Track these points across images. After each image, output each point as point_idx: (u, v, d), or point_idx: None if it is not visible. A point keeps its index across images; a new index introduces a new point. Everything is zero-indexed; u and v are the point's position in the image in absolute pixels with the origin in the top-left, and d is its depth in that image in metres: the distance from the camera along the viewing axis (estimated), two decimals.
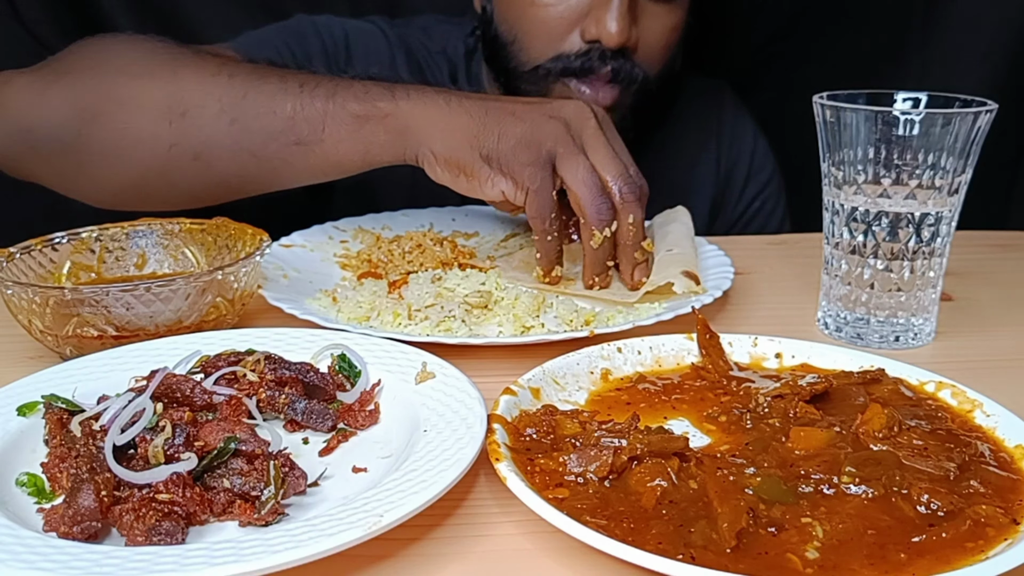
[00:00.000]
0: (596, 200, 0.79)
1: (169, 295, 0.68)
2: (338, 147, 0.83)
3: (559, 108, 0.82)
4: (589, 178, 0.79)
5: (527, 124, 0.80)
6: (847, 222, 0.74)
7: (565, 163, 0.79)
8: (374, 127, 0.82)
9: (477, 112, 0.81)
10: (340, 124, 0.82)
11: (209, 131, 0.85)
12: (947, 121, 0.69)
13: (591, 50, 1.03)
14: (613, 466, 0.52)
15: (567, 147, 0.79)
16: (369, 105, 0.82)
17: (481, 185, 0.80)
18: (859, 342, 0.76)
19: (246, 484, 0.50)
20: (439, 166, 0.81)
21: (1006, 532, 0.47)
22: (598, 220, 0.79)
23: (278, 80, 0.85)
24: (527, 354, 0.69)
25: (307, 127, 0.83)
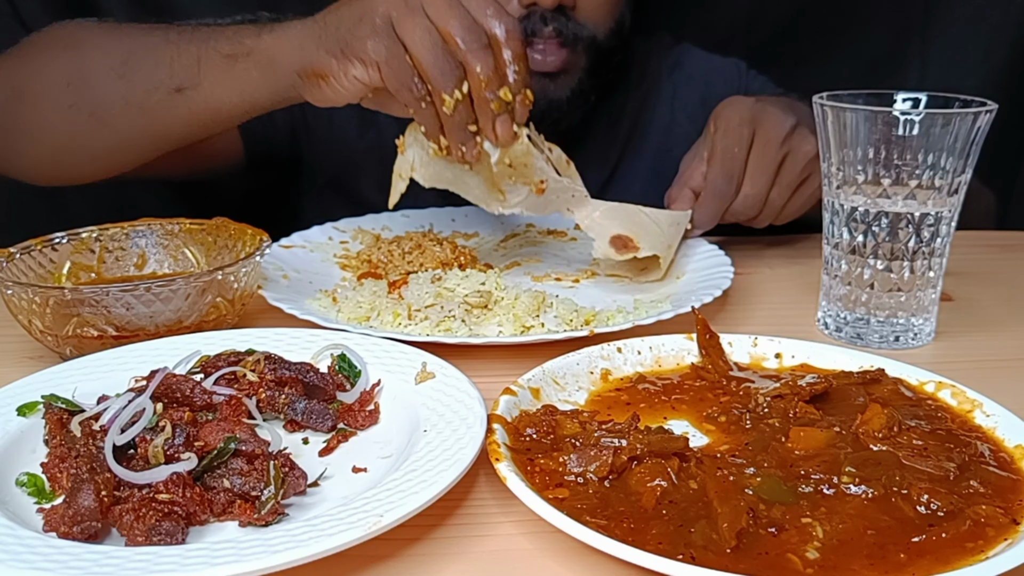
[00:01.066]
0: (433, 58, 0.73)
1: (169, 295, 0.68)
2: (215, 90, 0.84)
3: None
4: (424, 37, 0.73)
5: (360, 2, 0.76)
6: (847, 222, 0.74)
7: (400, 27, 0.73)
8: (245, 65, 0.82)
9: (322, 14, 0.79)
10: (214, 66, 0.83)
11: (101, 88, 0.88)
12: (947, 121, 0.69)
13: (530, 14, 1.03)
14: (613, 466, 0.52)
15: (399, 8, 0.73)
16: (236, 43, 0.82)
17: (337, 82, 0.76)
18: (859, 342, 0.76)
19: (246, 484, 0.50)
20: (306, 82, 0.79)
21: (1006, 532, 0.47)
22: (440, 80, 0.73)
23: (161, 33, 0.88)
24: (527, 354, 0.69)
25: (184, 73, 0.84)
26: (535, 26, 1.03)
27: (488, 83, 0.74)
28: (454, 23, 0.73)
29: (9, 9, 1.22)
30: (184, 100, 0.85)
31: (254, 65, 0.81)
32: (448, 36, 0.73)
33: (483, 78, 0.73)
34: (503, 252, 1.02)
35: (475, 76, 0.74)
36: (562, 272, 0.94)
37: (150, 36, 0.88)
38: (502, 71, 0.75)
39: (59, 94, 0.90)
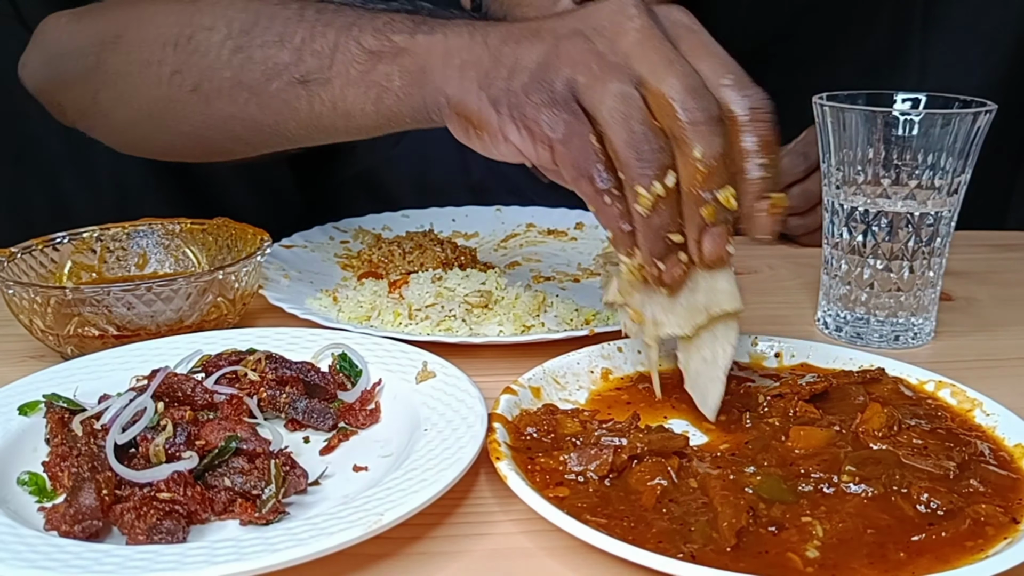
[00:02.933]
0: (628, 135, 0.52)
1: (170, 295, 0.69)
2: (346, 91, 0.67)
3: (590, 12, 0.57)
4: (619, 106, 0.52)
5: (544, 46, 0.56)
6: (847, 222, 0.74)
7: (587, 95, 0.54)
8: (387, 67, 0.65)
9: (495, 39, 0.60)
10: (350, 61, 0.67)
11: (211, 59, 0.74)
12: (947, 121, 0.69)
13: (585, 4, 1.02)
14: (613, 465, 0.52)
15: (587, 71, 0.54)
16: (384, 39, 0.65)
17: (492, 142, 0.59)
18: (859, 342, 0.76)
19: (247, 483, 0.50)
20: (453, 118, 0.61)
21: (1006, 531, 0.47)
22: (636, 166, 0.52)
23: (298, 6, 0.72)
24: (527, 353, 0.69)
25: (313, 61, 0.69)
26: None
27: (708, 177, 0.52)
28: (674, 82, 0.52)
29: (10, 9, 1.22)
30: (307, 94, 0.70)
31: (399, 71, 0.65)
32: (661, 100, 0.52)
33: (703, 167, 0.51)
34: (503, 252, 1.02)
35: (690, 162, 0.52)
36: (562, 272, 0.94)
37: (283, 7, 0.72)
38: (734, 162, 0.53)
39: (161, 55, 0.76)
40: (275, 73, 0.71)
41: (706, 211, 0.53)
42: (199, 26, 0.75)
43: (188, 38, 0.75)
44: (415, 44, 0.64)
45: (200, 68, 0.74)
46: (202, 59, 0.74)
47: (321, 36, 0.68)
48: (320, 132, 0.73)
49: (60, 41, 0.85)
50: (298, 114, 0.72)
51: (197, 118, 0.77)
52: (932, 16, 1.34)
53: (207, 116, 0.77)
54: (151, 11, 0.79)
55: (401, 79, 0.65)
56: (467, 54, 0.61)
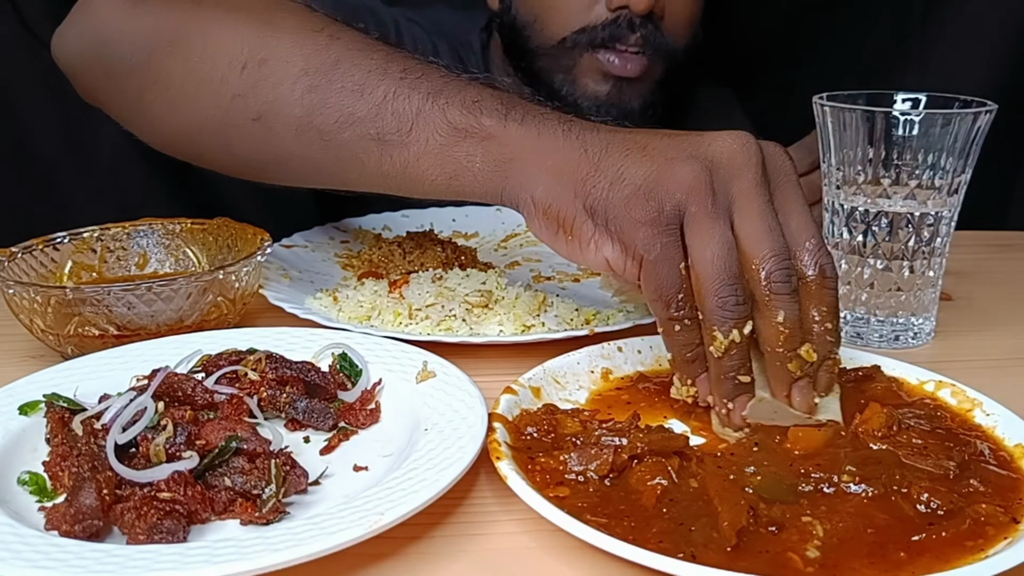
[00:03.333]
0: (717, 286, 0.55)
1: (170, 294, 0.69)
2: (421, 159, 0.65)
3: (709, 141, 0.58)
4: (720, 253, 0.54)
5: (654, 165, 0.57)
6: (847, 222, 0.74)
7: (693, 227, 0.55)
8: (471, 148, 0.64)
9: (595, 146, 0.59)
10: (432, 130, 0.65)
11: (281, 91, 0.69)
12: (947, 121, 0.69)
13: (619, 18, 1.01)
14: (614, 465, 0.52)
15: (701, 203, 0.55)
16: (472, 118, 0.63)
17: (582, 249, 0.59)
18: (859, 341, 0.76)
19: (247, 483, 0.50)
20: (538, 217, 0.61)
21: (1006, 531, 0.47)
22: (718, 316, 0.55)
23: (382, 58, 0.68)
24: (527, 353, 0.69)
25: (393, 123, 0.66)
26: (622, 32, 1.02)
27: (789, 337, 0.55)
28: (768, 254, 0.55)
29: (11, 10, 1.22)
30: (379, 152, 0.67)
31: (483, 155, 0.63)
32: (751, 264, 0.55)
33: (785, 330, 0.55)
34: (503, 252, 1.02)
35: (773, 324, 0.55)
36: (563, 271, 0.94)
37: (366, 56, 0.69)
38: (808, 324, 0.56)
39: (225, 74, 0.71)
40: (349, 124, 0.68)
41: (793, 365, 0.56)
42: (274, 53, 0.70)
43: (259, 63, 0.70)
44: (505, 133, 0.63)
45: (267, 99, 0.70)
46: (272, 90, 0.70)
47: (405, 98, 0.66)
48: (381, 187, 0.70)
49: (109, 25, 0.78)
50: (364, 168, 0.69)
51: (253, 147, 0.73)
52: (932, 16, 1.34)
53: (265, 147, 0.73)
54: (220, 21, 0.74)
55: (484, 163, 0.63)
56: (563, 157, 0.60)
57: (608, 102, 1.09)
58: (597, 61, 1.06)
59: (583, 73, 1.09)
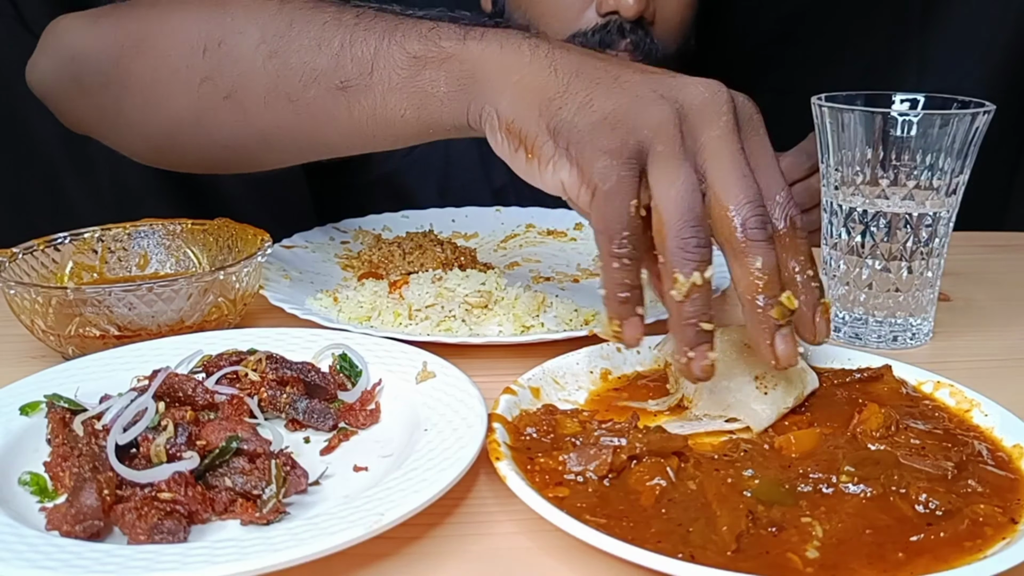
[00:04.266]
0: (680, 226, 0.53)
1: (171, 295, 0.69)
2: (387, 97, 0.65)
3: (681, 85, 0.57)
4: (685, 194, 0.53)
5: (626, 97, 0.56)
6: (845, 222, 0.74)
7: (658, 166, 0.54)
8: (433, 73, 0.63)
9: (566, 68, 0.59)
10: (393, 66, 0.65)
11: (245, 65, 0.71)
12: (945, 122, 0.69)
13: (609, 23, 1.02)
14: (612, 465, 0.52)
15: (668, 144, 0.54)
16: (431, 44, 0.63)
17: (540, 170, 0.59)
18: (857, 342, 0.76)
19: (248, 483, 0.51)
20: (500, 132, 0.60)
21: (1004, 531, 0.47)
22: (680, 257, 0.53)
23: (335, 10, 0.69)
24: (527, 353, 0.69)
25: (353, 67, 0.66)
26: (612, 38, 1.02)
27: (768, 284, 0.54)
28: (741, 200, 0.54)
29: (11, 10, 1.22)
30: (347, 101, 0.67)
31: (446, 76, 0.63)
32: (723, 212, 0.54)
33: (763, 275, 0.54)
34: (503, 252, 1.02)
35: (749, 272, 0.54)
36: (562, 272, 0.95)
37: (319, 12, 0.69)
38: (788, 274, 0.56)
39: (190, 61, 0.72)
40: (312, 79, 0.68)
41: (776, 312, 0.54)
42: (230, 30, 0.72)
43: (218, 43, 0.72)
44: (465, 50, 0.62)
45: (232, 75, 0.71)
46: (234, 65, 0.71)
47: (361, 41, 0.66)
48: (359, 140, 0.71)
49: (75, 45, 0.80)
50: (337, 122, 0.69)
51: (231, 127, 0.74)
52: (930, 17, 1.34)
53: (242, 124, 0.74)
54: (176, 15, 0.75)
55: (447, 85, 0.63)
56: (530, 74, 0.59)
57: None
58: None
59: None
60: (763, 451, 0.55)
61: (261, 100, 0.71)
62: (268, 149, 0.76)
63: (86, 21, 0.81)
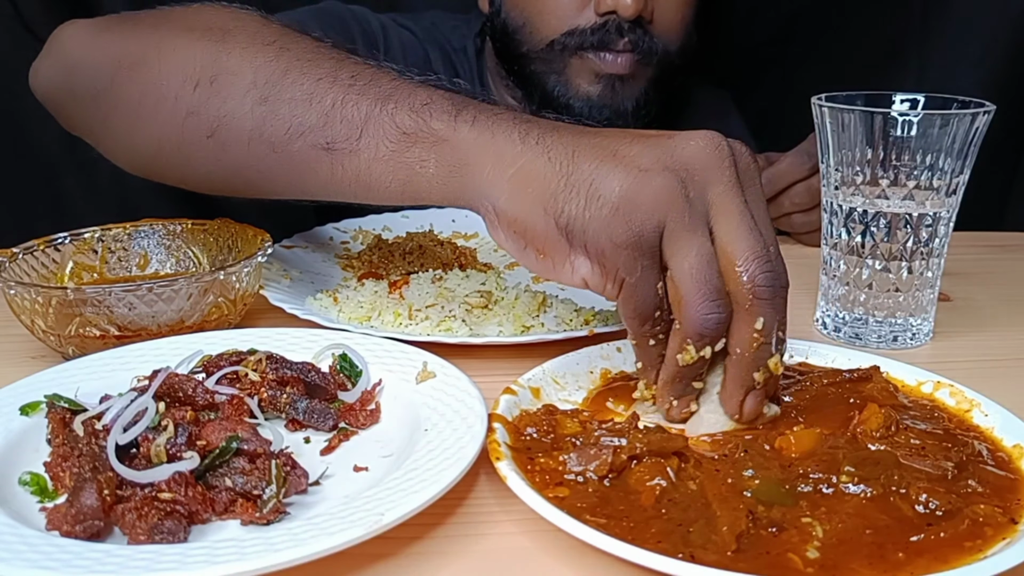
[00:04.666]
0: (700, 302, 0.53)
1: (171, 295, 0.69)
2: (372, 166, 0.64)
3: (681, 147, 0.55)
4: (701, 269, 0.53)
5: (630, 178, 0.54)
6: (845, 222, 0.74)
7: (672, 240, 0.54)
8: (423, 153, 0.62)
9: (561, 154, 0.57)
10: (382, 136, 0.63)
11: (232, 106, 0.70)
12: (945, 122, 0.69)
13: (607, 22, 1.02)
14: (613, 465, 0.52)
15: (678, 216, 0.53)
16: (421, 122, 0.62)
17: (556, 268, 0.58)
18: (857, 342, 0.76)
19: (248, 483, 0.51)
20: (503, 229, 0.59)
21: (1004, 531, 0.47)
22: (697, 332, 0.54)
23: (332, 66, 0.68)
24: (527, 354, 0.69)
25: (342, 129, 0.65)
26: (610, 37, 1.02)
27: (763, 346, 0.54)
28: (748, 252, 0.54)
29: (11, 10, 1.23)
30: (330, 161, 0.66)
31: (436, 159, 0.61)
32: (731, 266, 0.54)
33: (762, 337, 0.54)
34: (503, 252, 1.02)
35: (748, 331, 0.54)
36: None
37: (315, 65, 0.68)
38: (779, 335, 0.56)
39: (179, 92, 0.72)
40: (299, 134, 0.67)
41: (760, 375, 0.55)
42: (224, 68, 0.70)
43: (210, 80, 0.71)
44: (456, 136, 0.60)
45: (219, 114, 0.70)
46: (222, 105, 0.70)
47: (353, 104, 0.65)
48: (339, 196, 0.69)
49: (76, 53, 0.80)
50: (318, 177, 0.68)
51: (211, 163, 0.74)
52: (930, 17, 1.34)
53: (220, 163, 0.73)
54: (175, 41, 0.74)
55: (437, 168, 0.62)
56: (527, 166, 0.57)
57: (601, 102, 1.10)
58: (588, 61, 1.06)
59: (575, 74, 1.09)
60: (763, 451, 0.55)
61: (244, 144, 0.70)
62: (246, 188, 0.75)
63: (90, 32, 0.81)
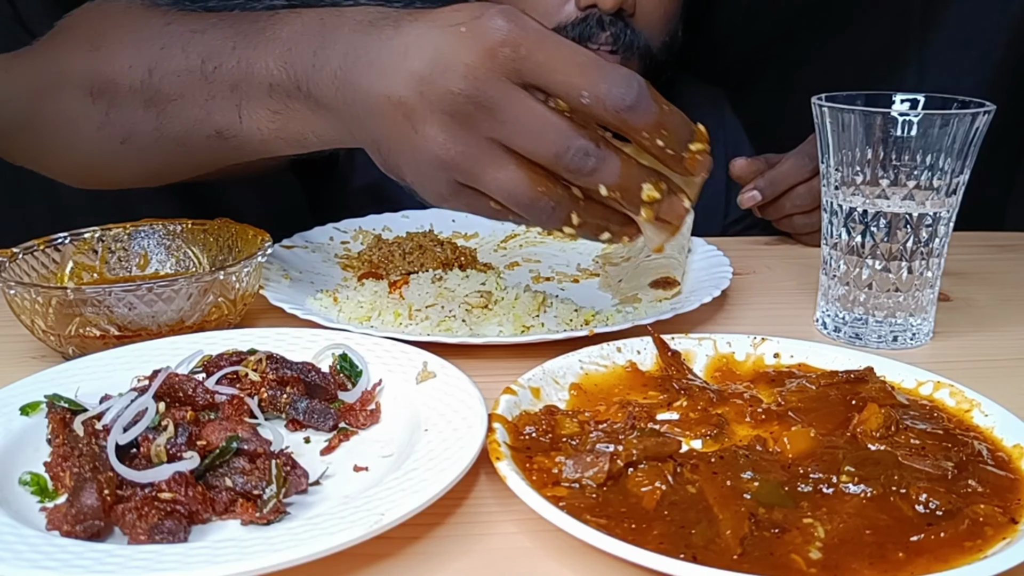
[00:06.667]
0: (529, 209, 0.56)
1: (171, 295, 0.69)
2: (263, 136, 0.67)
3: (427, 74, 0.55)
4: (514, 191, 0.55)
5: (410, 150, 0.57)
6: (845, 222, 0.74)
7: (478, 184, 0.56)
8: (300, 126, 0.65)
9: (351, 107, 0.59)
10: (258, 112, 0.66)
11: (128, 112, 0.73)
12: (945, 122, 0.69)
13: (588, 16, 1.01)
14: (610, 473, 0.52)
15: (464, 168, 0.55)
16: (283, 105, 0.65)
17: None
18: (857, 342, 0.76)
19: (248, 483, 0.51)
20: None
21: (1004, 531, 0.47)
22: (547, 221, 0.57)
23: (181, 53, 0.70)
24: (527, 354, 0.69)
25: (223, 118, 0.68)
26: (591, 31, 1.01)
27: (625, 195, 0.55)
28: (548, 151, 0.54)
29: (10, 10, 1.22)
30: (229, 144, 0.70)
31: (313, 130, 0.65)
32: (544, 170, 0.54)
33: (616, 193, 0.55)
34: (503, 252, 1.02)
35: (597, 195, 0.55)
36: (562, 272, 0.95)
37: (170, 57, 0.71)
38: (652, 150, 0.55)
39: (84, 109, 0.75)
40: (192, 128, 0.70)
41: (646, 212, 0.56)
42: (104, 78, 0.74)
43: (100, 92, 0.74)
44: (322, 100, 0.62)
45: (122, 121, 0.74)
46: (120, 113, 0.74)
47: (223, 93, 0.67)
48: (252, 161, 0.73)
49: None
50: (227, 156, 0.72)
51: (136, 166, 0.77)
52: (930, 16, 1.34)
53: (144, 164, 0.77)
54: (64, 60, 0.77)
55: (318, 138, 0.65)
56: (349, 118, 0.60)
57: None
58: None
59: None
60: (761, 453, 0.55)
61: (153, 144, 0.73)
62: (184, 175, 0.79)
63: (3, 66, 0.83)
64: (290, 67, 0.64)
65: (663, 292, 0.82)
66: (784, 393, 0.62)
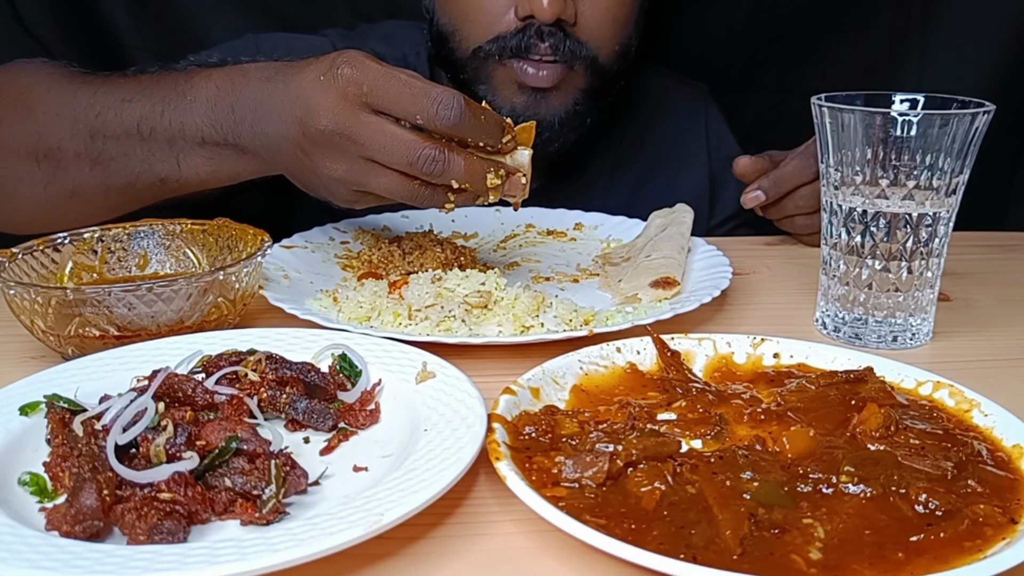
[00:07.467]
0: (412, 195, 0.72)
1: (171, 295, 0.69)
2: (201, 177, 0.82)
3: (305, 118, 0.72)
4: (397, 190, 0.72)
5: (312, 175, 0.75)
6: (845, 222, 0.74)
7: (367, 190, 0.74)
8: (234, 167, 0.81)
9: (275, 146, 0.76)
10: (193, 157, 0.81)
11: (73, 172, 0.84)
12: (945, 122, 0.69)
13: (527, 27, 1.00)
14: (609, 473, 0.52)
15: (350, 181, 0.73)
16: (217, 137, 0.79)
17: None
18: (857, 342, 0.76)
19: (247, 483, 0.51)
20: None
21: (1004, 531, 0.47)
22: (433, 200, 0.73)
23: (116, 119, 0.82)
24: (527, 354, 0.69)
25: (162, 167, 0.81)
26: (531, 42, 1.00)
27: (473, 183, 0.72)
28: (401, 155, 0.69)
29: (10, 11, 1.23)
30: (169, 186, 0.83)
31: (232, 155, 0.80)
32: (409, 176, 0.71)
33: (465, 184, 0.71)
34: (503, 252, 1.02)
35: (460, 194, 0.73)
36: (562, 272, 0.95)
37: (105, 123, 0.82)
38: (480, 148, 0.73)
39: (28, 171, 0.85)
40: (136, 178, 0.82)
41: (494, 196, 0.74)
42: (49, 145, 0.83)
43: (45, 157, 0.83)
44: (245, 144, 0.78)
45: (67, 180, 0.83)
46: (65, 173, 0.83)
47: (159, 147, 0.80)
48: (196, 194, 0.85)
49: None
50: (171, 194, 0.84)
51: (87, 213, 0.85)
52: (930, 17, 1.34)
53: (96, 210, 0.85)
54: (6, 124, 0.85)
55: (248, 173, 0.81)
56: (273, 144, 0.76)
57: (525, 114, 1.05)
58: (511, 71, 1.03)
59: (500, 84, 1.06)
60: (760, 453, 0.55)
61: (102, 196, 0.84)
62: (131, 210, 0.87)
63: None
64: (215, 124, 0.78)
65: (663, 292, 0.82)
66: (784, 393, 0.62)
